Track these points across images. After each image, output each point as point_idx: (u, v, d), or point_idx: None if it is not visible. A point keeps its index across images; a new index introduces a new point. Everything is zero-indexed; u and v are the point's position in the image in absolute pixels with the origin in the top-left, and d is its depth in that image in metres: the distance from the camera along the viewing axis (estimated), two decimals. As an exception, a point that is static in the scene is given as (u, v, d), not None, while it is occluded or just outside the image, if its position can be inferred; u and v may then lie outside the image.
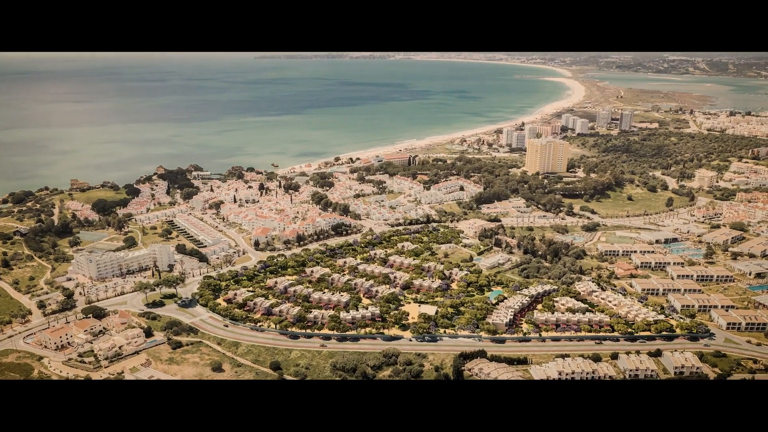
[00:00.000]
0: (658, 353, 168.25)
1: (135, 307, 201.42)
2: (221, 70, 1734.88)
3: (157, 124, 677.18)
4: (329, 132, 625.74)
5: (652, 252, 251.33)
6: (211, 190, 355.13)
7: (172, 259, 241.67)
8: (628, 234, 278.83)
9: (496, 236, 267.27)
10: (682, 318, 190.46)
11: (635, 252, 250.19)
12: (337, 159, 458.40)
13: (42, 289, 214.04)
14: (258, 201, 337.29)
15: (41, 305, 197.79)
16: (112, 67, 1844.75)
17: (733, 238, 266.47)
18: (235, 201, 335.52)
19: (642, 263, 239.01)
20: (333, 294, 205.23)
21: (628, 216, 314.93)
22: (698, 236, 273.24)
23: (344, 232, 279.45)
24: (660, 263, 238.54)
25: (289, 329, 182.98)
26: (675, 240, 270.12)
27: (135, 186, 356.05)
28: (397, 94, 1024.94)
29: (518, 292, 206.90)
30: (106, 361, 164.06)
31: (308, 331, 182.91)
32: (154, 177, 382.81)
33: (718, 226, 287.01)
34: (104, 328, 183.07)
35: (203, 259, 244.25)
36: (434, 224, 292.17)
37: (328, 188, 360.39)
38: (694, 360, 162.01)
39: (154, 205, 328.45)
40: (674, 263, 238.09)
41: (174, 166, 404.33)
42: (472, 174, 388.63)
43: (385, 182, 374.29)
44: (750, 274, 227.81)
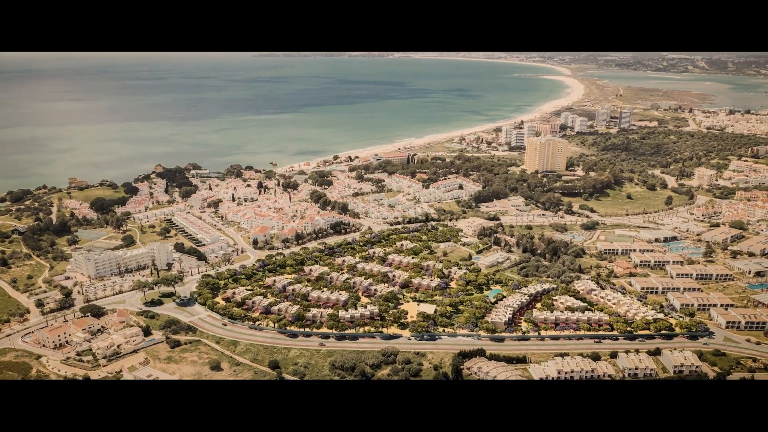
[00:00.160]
0: (657, 352, 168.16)
1: (133, 305, 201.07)
2: (220, 68, 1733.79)
3: (156, 123, 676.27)
4: (328, 130, 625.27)
5: (652, 251, 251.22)
6: (210, 189, 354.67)
7: (171, 257, 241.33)
8: (628, 232, 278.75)
9: (495, 235, 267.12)
10: (681, 317, 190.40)
11: (634, 250, 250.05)
12: (336, 157, 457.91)
13: (40, 287, 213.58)
14: (257, 199, 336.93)
15: (39, 304, 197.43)
16: (110, 66, 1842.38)
17: (732, 236, 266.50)
18: (233, 199, 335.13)
19: (641, 262, 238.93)
20: (332, 293, 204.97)
21: (628, 214, 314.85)
22: (697, 235, 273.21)
23: (343, 231, 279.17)
24: (659, 262, 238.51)
25: (288, 328, 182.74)
26: (674, 238, 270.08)
27: (133, 184, 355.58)
28: (396, 92, 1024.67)
29: (517, 290, 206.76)
30: (104, 360, 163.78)
31: (307, 329, 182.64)
32: (153, 175, 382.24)
33: (717, 225, 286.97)
34: (102, 326, 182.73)
35: (202, 257, 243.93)
36: (433, 223, 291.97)
37: (326, 187, 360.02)
38: (694, 359, 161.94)
39: (153, 203, 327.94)
40: (673, 262, 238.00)
41: (172, 165, 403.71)
42: (471, 172, 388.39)
43: (383, 181, 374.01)
44: (749, 273, 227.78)
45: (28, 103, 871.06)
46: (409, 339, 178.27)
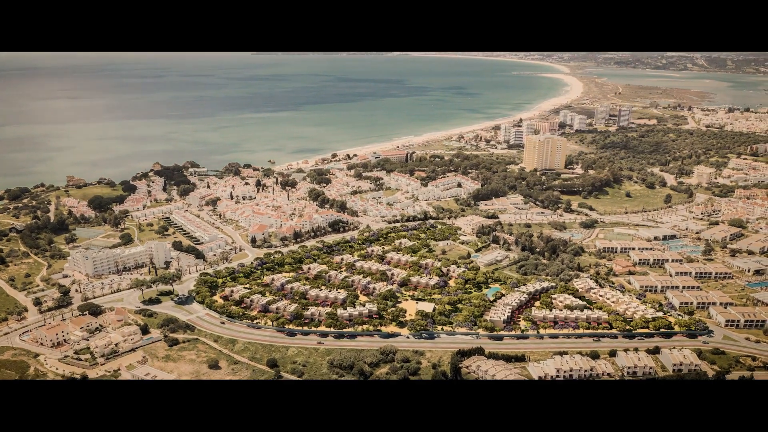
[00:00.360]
0: (656, 350, 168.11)
1: (131, 304, 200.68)
2: (218, 66, 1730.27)
3: (154, 121, 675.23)
4: (326, 128, 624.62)
5: (651, 249, 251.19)
6: (208, 187, 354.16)
7: (169, 256, 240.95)
8: (627, 231, 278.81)
9: (494, 233, 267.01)
10: (680, 315, 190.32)
11: (633, 249, 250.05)
12: (334, 155, 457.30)
13: (38, 286, 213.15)
14: (255, 198, 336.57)
15: (37, 302, 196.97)
16: (108, 64, 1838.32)
17: (731, 234, 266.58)
18: (231, 198, 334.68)
19: (640, 260, 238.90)
20: (330, 291, 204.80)
21: (627, 213, 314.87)
22: (697, 233, 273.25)
23: (341, 229, 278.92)
24: (658, 260, 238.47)
25: (286, 326, 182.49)
26: (673, 237, 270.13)
27: (131, 183, 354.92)
28: (395, 90, 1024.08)
29: (516, 289, 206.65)
30: (102, 359, 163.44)
31: (305, 328, 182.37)
32: (151, 174, 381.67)
33: (716, 223, 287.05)
34: (100, 325, 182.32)
35: (200, 255, 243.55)
36: (432, 221, 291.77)
37: (325, 185, 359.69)
38: (693, 357, 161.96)
39: (151, 201, 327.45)
40: (672, 260, 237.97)
41: (170, 163, 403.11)
42: (469, 170, 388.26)
43: (382, 179, 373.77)
44: (748, 271, 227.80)
45: (26, 101, 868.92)
46: (408, 337, 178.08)
